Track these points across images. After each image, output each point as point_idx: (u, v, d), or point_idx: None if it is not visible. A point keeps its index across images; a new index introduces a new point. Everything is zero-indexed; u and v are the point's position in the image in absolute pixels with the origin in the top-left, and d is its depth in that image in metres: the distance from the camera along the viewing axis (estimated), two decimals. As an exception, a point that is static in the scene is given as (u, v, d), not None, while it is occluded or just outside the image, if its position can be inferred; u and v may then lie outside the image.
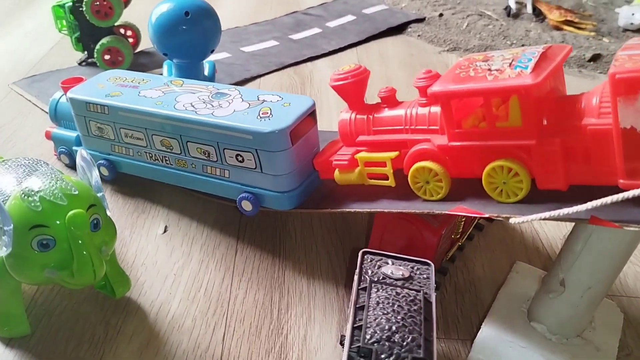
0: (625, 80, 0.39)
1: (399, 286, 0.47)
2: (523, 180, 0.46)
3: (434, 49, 1.18)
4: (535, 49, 0.47)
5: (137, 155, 0.66)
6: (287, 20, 1.29)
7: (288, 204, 0.59)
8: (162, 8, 0.71)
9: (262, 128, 0.55)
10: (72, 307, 0.54)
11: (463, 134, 0.48)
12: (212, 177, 0.62)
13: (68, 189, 0.45)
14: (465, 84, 0.46)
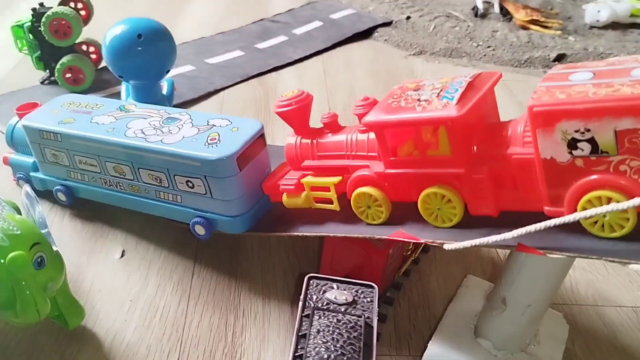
0: (542, 113, 0.40)
1: (341, 312, 0.48)
2: (456, 206, 0.48)
3: (400, 53, 1.19)
4: (463, 77, 0.48)
5: (92, 180, 0.66)
6: (254, 29, 1.29)
7: (240, 228, 0.60)
8: (115, 31, 0.71)
9: (209, 155, 0.56)
10: (27, 338, 0.55)
11: (398, 162, 0.50)
12: (165, 202, 0.63)
13: (10, 229, 0.45)
14: (395, 114, 0.47)
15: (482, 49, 1.22)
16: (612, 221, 0.41)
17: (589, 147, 0.40)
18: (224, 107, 0.96)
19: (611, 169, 0.40)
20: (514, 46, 1.23)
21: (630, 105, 0.37)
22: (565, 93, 0.40)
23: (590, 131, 0.40)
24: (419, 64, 1.14)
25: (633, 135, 0.38)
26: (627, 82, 0.39)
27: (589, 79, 0.41)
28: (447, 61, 1.17)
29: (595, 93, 0.39)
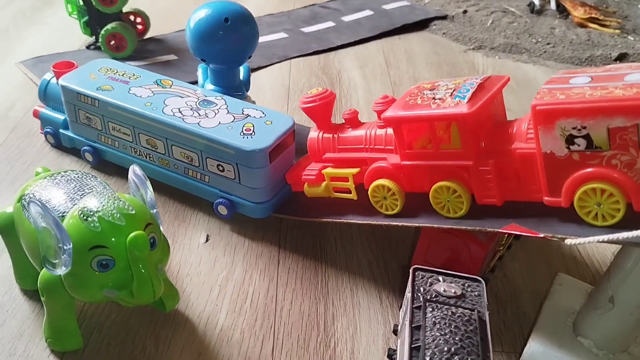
0: (543, 112, 0.45)
1: (452, 305, 0.47)
2: (463, 198, 0.52)
3: (459, 47, 1.17)
4: (474, 79, 0.52)
5: (123, 148, 0.70)
6: (303, 13, 1.29)
7: (260, 214, 0.65)
8: (201, 14, 0.71)
9: (245, 146, 0.61)
10: (121, 320, 0.55)
11: (413, 155, 0.54)
12: (193, 180, 0.67)
13: (125, 209, 0.45)
14: (412, 110, 0.52)
15: (541, 45, 1.20)
16: None
17: (585, 142, 0.45)
18: (292, 98, 0.95)
19: (604, 163, 0.45)
20: (573, 44, 1.21)
21: (622, 106, 0.42)
22: (565, 94, 0.45)
23: (586, 128, 0.44)
24: (479, 59, 1.13)
25: (623, 132, 0.43)
26: (620, 85, 0.44)
27: (587, 82, 0.46)
28: (506, 57, 1.15)
29: (592, 95, 0.43)
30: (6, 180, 0.70)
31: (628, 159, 0.43)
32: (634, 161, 0.43)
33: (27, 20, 1.16)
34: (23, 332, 0.53)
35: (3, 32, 1.12)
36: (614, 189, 0.44)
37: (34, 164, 0.73)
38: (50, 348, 0.51)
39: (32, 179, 0.55)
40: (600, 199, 0.45)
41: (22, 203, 0.51)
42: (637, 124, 0.42)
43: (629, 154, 0.43)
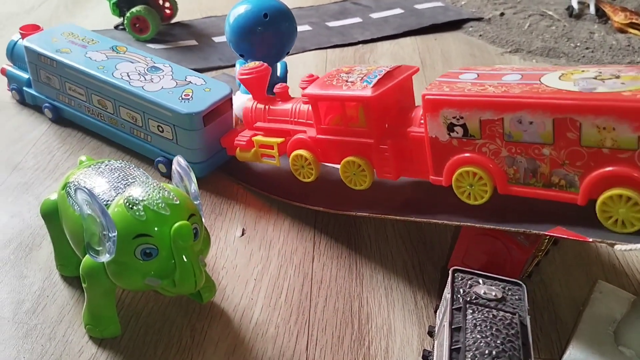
0: (430, 101, 0.51)
1: (493, 307, 0.46)
2: (366, 172, 0.59)
3: (495, 50, 1.16)
4: (384, 67, 0.59)
5: (78, 106, 0.77)
6: (332, 8, 1.29)
7: (197, 173, 0.69)
8: (240, 9, 0.71)
9: (181, 109, 0.67)
10: (158, 309, 0.55)
11: (327, 130, 0.60)
12: (137, 139, 0.73)
13: (170, 199, 0.45)
14: (326, 90, 0.58)
15: (580, 50, 1.17)
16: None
17: (462, 130, 0.51)
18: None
19: (476, 150, 0.51)
20: (613, 49, 1.18)
21: (491, 102, 0.48)
22: (450, 87, 0.51)
23: (463, 118, 0.50)
24: (515, 62, 1.11)
25: (492, 124, 0.49)
26: (495, 84, 0.50)
27: (472, 78, 0.52)
28: (544, 60, 1.13)
29: (470, 90, 0.50)
30: (48, 167, 0.72)
31: (495, 147, 0.50)
32: (499, 150, 0.50)
33: (68, 12, 1.18)
34: (63, 318, 0.54)
35: (46, 23, 1.14)
36: (483, 173, 0.51)
37: (74, 152, 0.75)
38: (89, 334, 0.52)
39: (76, 167, 0.56)
40: (472, 180, 0.52)
41: (66, 190, 0.52)
42: (502, 118, 0.48)
43: (496, 143, 0.50)
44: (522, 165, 0.49)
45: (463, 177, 0.52)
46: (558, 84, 0.47)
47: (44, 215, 0.55)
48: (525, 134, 0.48)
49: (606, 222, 0.46)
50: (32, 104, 0.82)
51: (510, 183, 0.51)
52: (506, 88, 0.48)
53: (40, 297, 0.55)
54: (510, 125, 0.48)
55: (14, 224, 0.63)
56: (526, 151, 0.49)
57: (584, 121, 0.45)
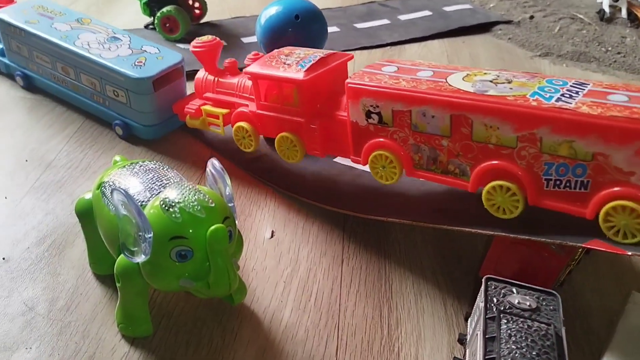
0: (352, 89, 0.57)
1: (527, 318, 0.46)
2: (297, 147, 0.64)
3: (525, 53, 1.14)
4: (319, 53, 0.64)
5: (45, 74, 0.83)
6: (360, 9, 1.28)
7: (148, 135, 0.77)
8: (272, 11, 0.71)
9: (132, 74, 0.72)
10: (189, 309, 0.56)
11: (265, 106, 0.65)
12: (96, 103, 0.80)
13: (206, 201, 0.46)
14: (265, 69, 0.63)
15: (611, 54, 1.16)
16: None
17: (378, 118, 0.56)
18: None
19: (389, 136, 0.57)
20: (646, 54, 1.16)
21: (401, 95, 0.54)
22: (370, 78, 0.56)
23: (378, 107, 0.56)
24: (545, 66, 1.10)
25: (402, 115, 0.55)
26: (408, 78, 0.55)
27: (392, 71, 0.58)
28: (574, 65, 1.12)
29: (386, 82, 0.55)
30: (80, 166, 0.73)
31: (403, 135, 0.56)
32: (407, 138, 0.56)
33: (99, 11, 1.20)
34: (96, 316, 0.54)
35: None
36: (393, 157, 0.57)
37: (105, 152, 0.75)
38: (122, 333, 0.53)
39: (110, 167, 0.56)
40: (384, 162, 0.58)
41: (101, 190, 0.53)
42: (410, 110, 0.54)
43: (404, 132, 0.56)
44: (425, 153, 0.56)
45: (377, 159, 0.58)
46: (459, 84, 0.53)
47: (79, 214, 0.56)
48: (429, 126, 0.54)
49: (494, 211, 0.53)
50: (6, 72, 0.90)
51: (415, 168, 0.57)
52: (416, 84, 0.54)
53: (73, 294, 0.56)
54: (416, 117, 0.54)
55: (48, 221, 0.64)
56: (429, 141, 0.55)
57: (475, 119, 0.51)
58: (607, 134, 0.45)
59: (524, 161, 0.50)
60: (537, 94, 0.50)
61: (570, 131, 0.47)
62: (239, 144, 0.69)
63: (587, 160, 0.47)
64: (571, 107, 0.47)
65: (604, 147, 0.46)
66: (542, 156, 0.49)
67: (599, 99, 0.48)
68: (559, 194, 0.50)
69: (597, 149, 0.46)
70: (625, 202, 0.46)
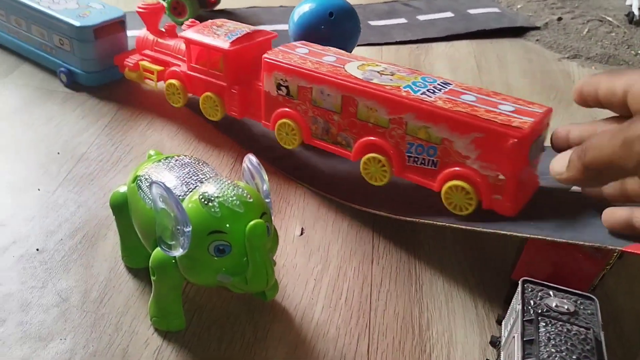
0: (267, 63, 0.66)
1: (566, 322, 0.45)
2: (219, 107, 0.74)
3: (553, 55, 1.13)
4: (245, 28, 0.73)
5: (2, 27, 0.93)
6: (381, 7, 1.27)
7: (89, 81, 0.86)
8: (305, 7, 0.71)
9: (75, 23, 0.81)
10: (221, 304, 0.56)
11: (194, 69, 0.74)
12: (45, 53, 0.88)
13: (244, 197, 0.46)
14: (197, 36, 0.72)
15: (641, 57, 1.14)
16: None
17: (286, 91, 0.66)
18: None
19: (294, 108, 0.66)
20: (676, 58, 1.14)
21: (305, 73, 0.63)
22: (284, 56, 0.66)
23: (287, 82, 0.65)
24: (573, 68, 1.09)
25: (305, 91, 0.64)
26: (314, 60, 0.65)
27: (304, 53, 0.67)
28: (603, 67, 1.10)
29: (296, 62, 0.65)
30: (111, 159, 0.73)
31: (305, 108, 0.65)
32: (307, 110, 0.65)
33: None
34: (129, 309, 0.55)
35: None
36: (295, 125, 0.67)
37: (136, 146, 0.76)
38: (155, 326, 0.53)
39: (145, 160, 0.57)
40: (287, 130, 0.67)
41: (137, 183, 0.53)
42: (311, 87, 0.63)
43: (306, 105, 0.65)
44: (320, 124, 0.65)
45: (282, 127, 0.68)
46: (353, 71, 0.63)
47: (113, 206, 0.56)
48: (324, 102, 0.63)
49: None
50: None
51: (312, 137, 0.67)
52: (318, 66, 0.64)
53: (106, 287, 0.57)
54: (316, 93, 0.63)
55: (80, 213, 0.64)
56: (324, 115, 0.64)
57: (360, 101, 0.61)
58: (451, 124, 0.56)
59: (393, 140, 0.60)
60: (409, 87, 0.60)
61: (427, 119, 0.57)
62: (168, 99, 0.79)
63: (437, 143, 0.58)
64: (429, 100, 0.58)
65: (449, 134, 0.57)
66: (406, 137, 0.60)
67: (453, 96, 0.59)
68: (417, 169, 0.60)
69: (445, 135, 0.57)
70: (458, 182, 0.57)
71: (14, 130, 0.77)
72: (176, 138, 0.78)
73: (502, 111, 0.56)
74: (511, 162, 0.55)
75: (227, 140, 0.79)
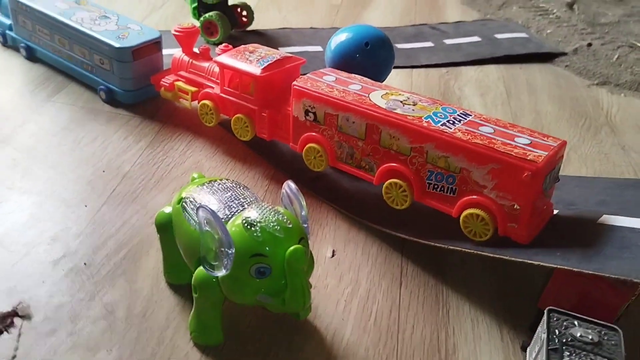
0: (296, 90, 0.71)
1: (590, 352, 0.47)
2: (249, 128, 0.78)
3: (582, 81, 1.14)
4: (277, 54, 0.77)
5: (45, 45, 0.97)
6: (408, 31, 1.29)
7: (127, 99, 0.91)
8: (342, 37, 0.75)
9: (115, 44, 0.87)
10: (256, 322, 0.59)
11: (227, 92, 0.79)
12: (86, 71, 0.93)
13: (284, 222, 0.49)
14: (230, 62, 0.76)
15: (671, 85, 1.15)
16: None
17: (313, 116, 0.70)
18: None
19: (320, 132, 0.71)
20: None
21: (331, 101, 0.68)
22: (312, 84, 0.70)
23: (314, 108, 0.69)
24: (603, 95, 1.10)
25: (331, 117, 0.69)
26: (341, 89, 0.69)
27: (331, 81, 0.71)
28: (633, 95, 1.11)
29: (322, 89, 0.69)
30: (153, 178, 0.77)
31: (331, 133, 0.70)
32: (333, 136, 0.70)
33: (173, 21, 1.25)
34: (170, 324, 0.58)
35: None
36: (322, 150, 0.71)
37: (176, 166, 0.80)
38: (194, 341, 0.56)
39: (188, 182, 0.60)
40: (315, 154, 0.72)
41: (182, 205, 0.56)
42: (337, 115, 0.68)
43: (332, 131, 0.69)
44: (345, 149, 0.69)
45: (309, 151, 0.72)
46: (377, 100, 0.66)
47: (158, 226, 0.59)
48: (350, 129, 0.67)
49: None
50: (12, 44, 1.04)
51: (338, 160, 0.71)
52: (344, 94, 0.68)
53: (149, 302, 0.60)
54: (341, 120, 0.68)
55: (125, 230, 0.68)
56: (349, 141, 0.68)
57: (383, 129, 0.65)
58: (469, 155, 0.59)
59: (414, 167, 0.64)
60: (430, 117, 0.64)
61: (446, 149, 0.61)
62: (202, 119, 0.83)
63: (456, 172, 0.61)
64: (449, 132, 0.61)
65: (467, 164, 0.60)
66: (426, 165, 0.63)
67: (472, 128, 0.62)
68: (436, 196, 0.64)
69: (463, 165, 0.60)
70: (476, 210, 0.60)
71: (63, 147, 0.82)
72: (214, 159, 0.82)
73: (518, 144, 0.59)
74: (526, 193, 0.58)
75: (261, 160, 0.82)
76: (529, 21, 1.39)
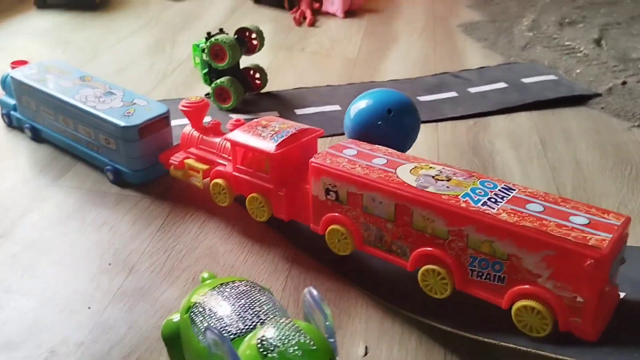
0: (315, 168, 0.65)
1: None
2: (265, 209, 0.72)
3: (621, 124, 1.06)
4: (293, 128, 0.71)
5: (49, 125, 0.93)
6: (430, 81, 1.23)
7: (135, 179, 0.85)
8: (362, 104, 0.69)
9: (120, 123, 0.81)
10: None
11: (240, 170, 0.73)
12: (92, 151, 0.88)
13: (307, 344, 0.41)
14: (243, 139, 0.71)
15: None
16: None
17: (335, 196, 0.64)
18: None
19: (344, 213, 0.64)
20: None
21: (355, 180, 0.61)
22: (332, 160, 0.64)
23: (336, 187, 0.63)
24: (645, 137, 1.01)
25: (355, 197, 0.62)
26: (364, 164, 0.63)
27: (352, 155, 0.65)
28: (678, 135, 1.03)
29: (344, 166, 0.63)
30: (163, 270, 0.70)
31: (356, 214, 0.63)
32: (359, 216, 0.63)
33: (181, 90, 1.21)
34: None
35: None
36: (347, 232, 0.64)
37: (188, 252, 0.73)
38: None
39: (198, 286, 0.53)
40: (339, 237, 0.65)
41: (190, 316, 0.49)
42: (362, 194, 0.61)
43: (357, 211, 0.63)
44: (373, 231, 0.63)
45: (333, 233, 0.66)
46: (406, 177, 0.60)
47: (166, 339, 0.52)
48: (377, 210, 0.61)
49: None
50: (17, 125, 1.00)
51: (364, 243, 0.64)
52: (369, 171, 0.62)
53: None
54: (367, 200, 0.61)
55: (131, 335, 0.61)
56: (376, 222, 0.62)
57: (415, 210, 0.58)
58: (518, 240, 0.52)
59: (453, 252, 0.57)
60: (469, 195, 0.57)
61: (490, 233, 0.54)
62: (214, 199, 0.77)
63: (503, 259, 0.54)
64: (493, 212, 0.54)
65: (516, 250, 0.53)
66: (468, 250, 0.56)
67: (518, 206, 0.55)
68: (481, 284, 0.56)
69: (511, 251, 0.53)
70: (530, 302, 0.52)
71: (68, 237, 0.76)
72: (229, 241, 0.75)
73: (575, 225, 0.51)
74: (590, 284, 0.49)
75: (281, 239, 0.75)
76: (555, 61, 1.32)
